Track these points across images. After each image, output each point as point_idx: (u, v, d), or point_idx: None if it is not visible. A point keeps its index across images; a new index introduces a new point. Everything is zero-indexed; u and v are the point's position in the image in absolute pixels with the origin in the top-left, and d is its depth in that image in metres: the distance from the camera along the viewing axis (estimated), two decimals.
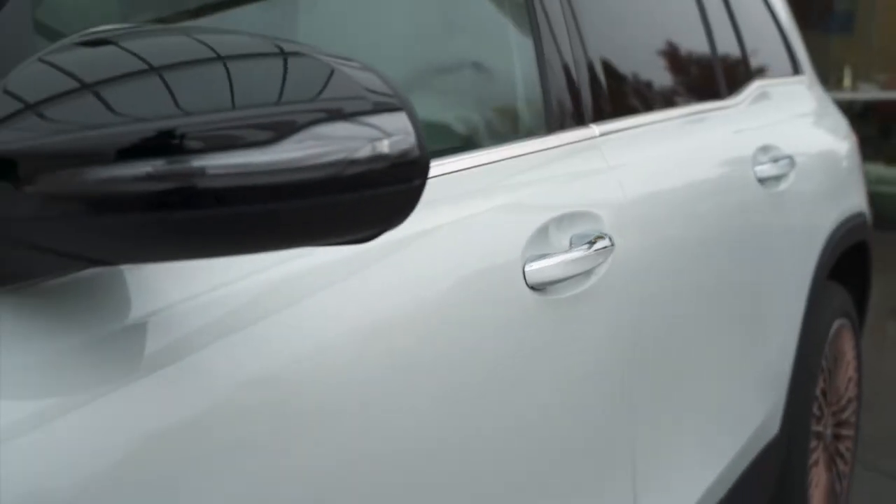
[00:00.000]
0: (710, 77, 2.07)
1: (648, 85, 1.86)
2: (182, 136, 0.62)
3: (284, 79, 0.66)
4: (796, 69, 2.67)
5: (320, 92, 0.67)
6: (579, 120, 1.48)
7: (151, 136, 0.62)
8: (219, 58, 0.66)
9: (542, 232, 1.25)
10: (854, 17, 9.35)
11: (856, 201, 2.58)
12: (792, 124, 2.34)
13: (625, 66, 1.74)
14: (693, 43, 2.05)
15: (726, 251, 1.81)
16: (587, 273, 1.31)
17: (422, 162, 0.71)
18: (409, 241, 1.04)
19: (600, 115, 1.54)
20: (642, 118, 1.69)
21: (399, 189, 0.70)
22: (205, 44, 0.67)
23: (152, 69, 0.64)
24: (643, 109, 1.76)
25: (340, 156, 0.66)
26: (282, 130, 0.65)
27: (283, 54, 0.68)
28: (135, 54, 0.65)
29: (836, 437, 2.57)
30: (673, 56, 1.99)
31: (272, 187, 0.64)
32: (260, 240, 0.68)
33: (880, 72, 9.09)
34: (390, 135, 0.69)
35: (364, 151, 0.67)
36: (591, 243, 1.30)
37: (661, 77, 1.95)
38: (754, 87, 2.24)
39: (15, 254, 0.66)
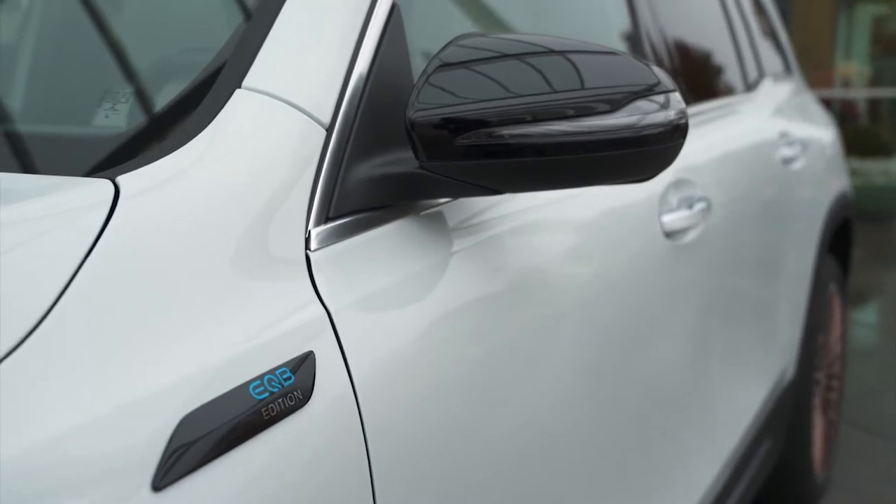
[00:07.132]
0: (740, 74, 2.44)
1: (701, 78, 2.21)
2: (568, 107, 0.94)
3: (611, 69, 0.98)
4: (788, 69, 3.06)
5: (630, 78, 0.99)
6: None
7: (552, 106, 0.93)
8: (573, 52, 0.97)
9: (665, 193, 1.58)
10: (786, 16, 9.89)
11: (843, 183, 2.99)
12: (796, 115, 2.72)
13: (686, 64, 2.09)
14: (726, 45, 2.41)
15: (770, 218, 2.17)
16: (692, 227, 1.65)
17: (685, 127, 1.03)
18: (581, 193, 1.36)
19: None
20: (703, 105, 2.04)
21: (669, 145, 1.02)
22: (558, 42, 0.98)
23: (556, 54, 0.95)
24: (701, 98, 2.11)
25: (645, 121, 0.98)
26: (615, 104, 0.96)
27: (604, 53, 0.99)
28: (522, 46, 0.97)
29: (828, 387, 2.96)
30: (716, 55, 2.35)
31: (608, 141, 0.96)
32: (593, 177, 0.99)
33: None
34: (670, 108, 1.01)
35: (658, 118, 0.99)
36: (692, 206, 1.65)
37: (708, 73, 2.30)
38: (767, 82, 2.62)
39: (442, 184, 0.97)
